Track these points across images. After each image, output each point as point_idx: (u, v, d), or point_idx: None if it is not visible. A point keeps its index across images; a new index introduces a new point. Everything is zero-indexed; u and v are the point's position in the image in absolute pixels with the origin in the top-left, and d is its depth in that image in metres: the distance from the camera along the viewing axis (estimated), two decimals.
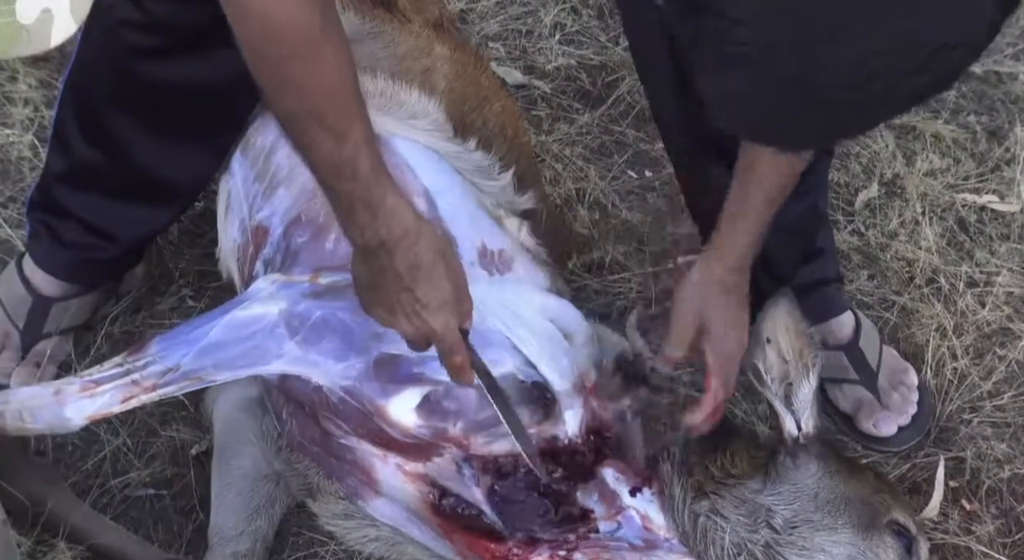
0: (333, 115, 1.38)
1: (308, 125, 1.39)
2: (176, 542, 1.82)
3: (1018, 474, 1.95)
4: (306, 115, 1.39)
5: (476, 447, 1.66)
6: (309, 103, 1.38)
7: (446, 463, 1.67)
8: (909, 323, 2.19)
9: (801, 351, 1.71)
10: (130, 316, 2.11)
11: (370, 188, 1.44)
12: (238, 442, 1.88)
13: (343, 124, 1.39)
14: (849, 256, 2.32)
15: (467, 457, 1.66)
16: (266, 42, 1.35)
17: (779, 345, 1.71)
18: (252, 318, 1.70)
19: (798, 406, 1.71)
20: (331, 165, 1.42)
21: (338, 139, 1.39)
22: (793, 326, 1.72)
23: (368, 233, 1.46)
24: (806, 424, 1.71)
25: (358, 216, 1.45)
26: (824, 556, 1.62)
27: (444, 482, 1.67)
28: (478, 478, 1.66)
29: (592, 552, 1.64)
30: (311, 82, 1.37)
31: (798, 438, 1.71)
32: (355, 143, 1.41)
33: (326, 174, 1.44)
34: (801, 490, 1.67)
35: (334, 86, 1.38)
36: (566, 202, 2.41)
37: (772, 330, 1.71)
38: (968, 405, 2.06)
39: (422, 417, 1.66)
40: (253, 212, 1.94)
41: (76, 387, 1.67)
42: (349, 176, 1.42)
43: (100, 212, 1.96)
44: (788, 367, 1.71)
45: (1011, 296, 2.25)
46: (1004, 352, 2.15)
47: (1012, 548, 1.84)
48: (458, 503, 1.67)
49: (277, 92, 1.40)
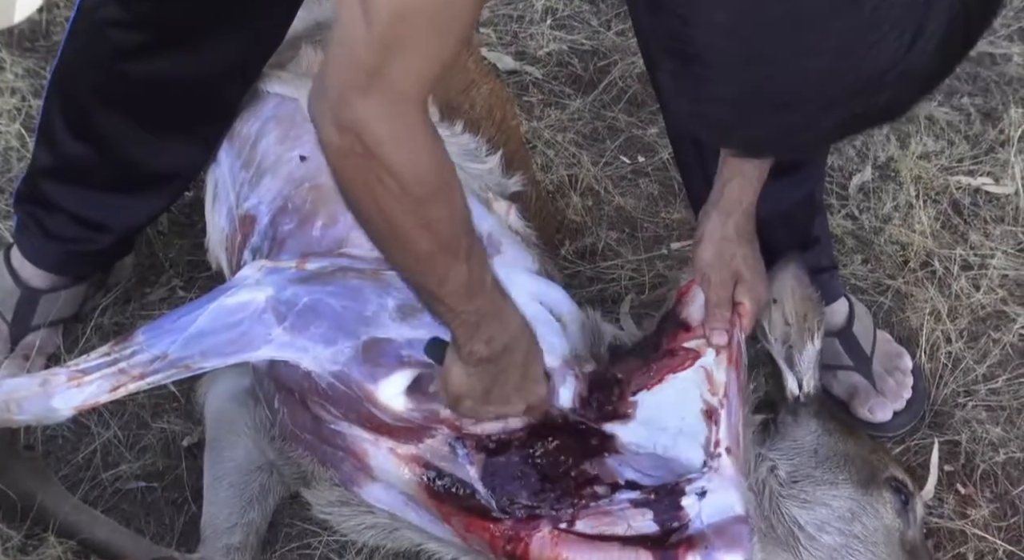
0: (466, 242, 1.34)
1: (440, 260, 1.33)
2: (168, 535, 1.80)
3: (1013, 458, 1.94)
4: (441, 252, 1.33)
5: (468, 427, 1.66)
6: (445, 239, 1.32)
7: (439, 444, 1.66)
8: (903, 307, 2.19)
9: (806, 315, 1.74)
10: (120, 307, 2.10)
11: (497, 299, 1.41)
12: (230, 433, 1.87)
13: (474, 249, 1.36)
14: (843, 240, 2.31)
15: (459, 437, 1.66)
16: (406, 192, 1.26)
17: (784, 307, 1.73)
18: (239, 305, 1.69)
19: (801, 366, 1.74)
20: (463, 289, 1.37)
21: (467, 260, 1.35)
22: (799, 290, 1.74)
23: (496, 341, 1.43)
24: (807, 384, 1.74)
25: (486, 329, 1.41)
26: (825, 509, 1.65)
27: (438, 463, 1.66)
28: (472, 457, 1.65)
29: (595, 519, 1.63)
30: (449, 218, 1.31)
31: (799, 397, 1.73)
32: (477, 259, 1.37)
33: (457, 300, 1.38)
34: (801, 446, 1.70)
35: (466, 215, 1.34)
36: (558, 188, 2.40)
37: (779, 292, 1.74)
38: (963, 389, 2.05)
39: (412, 400, 1.65)
40: (240, 201, 1.94)
41: (63, 377, 1.65)
42: (479, 292, 1.38)
43: (88, 205, 1.95)
44: (791, 329, 1.73)
45: (1006, 279, 2.24)
46: (999, 335, 2.13)
47: (1007, 532, 1.84)
48: (453, 483, 1.66)
49: (413, 238, 1.30)
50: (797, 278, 1.75)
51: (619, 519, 1.64)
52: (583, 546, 1.62)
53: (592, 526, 1.63)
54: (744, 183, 1.69)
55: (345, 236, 1.83)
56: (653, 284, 2.21)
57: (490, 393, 1.51)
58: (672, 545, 1.62)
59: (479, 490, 1.64)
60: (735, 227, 1.70)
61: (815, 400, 1.75)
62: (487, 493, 1.64)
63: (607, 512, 1.64)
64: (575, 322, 1.77)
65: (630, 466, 1.67)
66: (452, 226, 1.32)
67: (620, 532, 1.63)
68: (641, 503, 1.64)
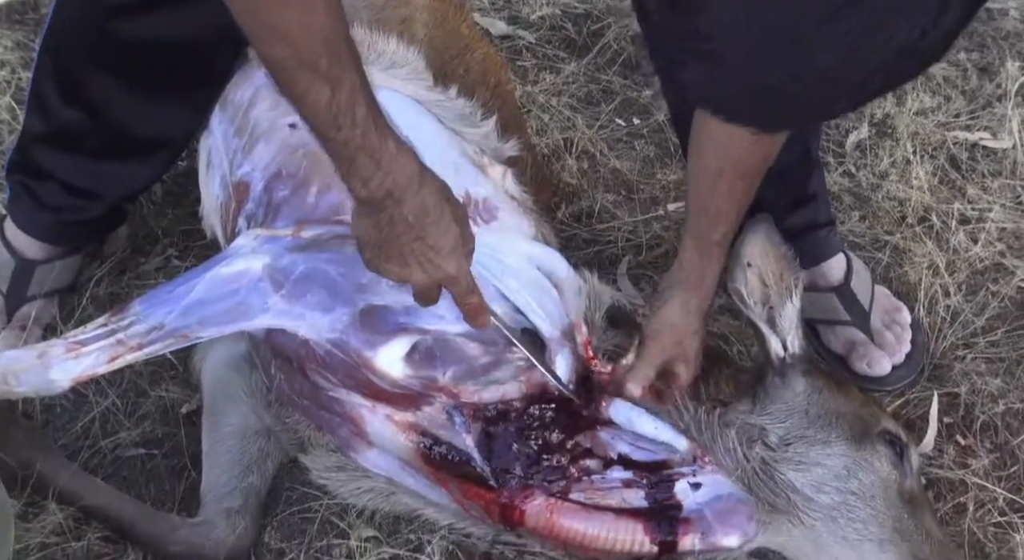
0: (326, 62, 1.34)
1: (300, 74, 1.34)
2: (168, 500, 1.81)
3: (1012, 408, 1.94)
4: (298, 64, 1.34)
5: (466, 395, 1.66)
6: (302, 51, 1.33)
7: (436, 412, 1.66)
8: (901, 262, 2.18)
9: (781, 274, 1.73)
10: (115, 278, 2.10)
11: (370, 135, 1.40)
12: (227, 399, 1.87)
13: (336, 71, 1.35)
14: (840, 197, 2.30)
15: (457, 405, 1.65)
16: None
17: (759, 269, 1.72)
18: (236, 274, 1.69)
19: (783, 327, 1.74)
20: (328, 115, 1.37)
21: (333, 87, 1.35)
22: (772, 250, 1.74)
23: (373, 184, 1.42)
24: (792, 344, 1.73)
25: (360, 167, 1.41)
26: (820, 469, 1.64)
27: (435, 430, 1.67)
28: (469, 425, 1.65)
29: (587, 492, 1.64)
30: (303, 29, 1.31)
31: (785, 358, 1.73)
32: (350, 90, 1.36)
33: (323, 125, 1.39)
34: (792, 408, 1.69)
35: (326, 32, 1.33)
36: (554, 152, 2.39)
37: (752, 255, 1.74)
38: (961, 342, 2.05)
39: (410, 367, 1.65)
40: (234, 168, 1.93)
41: (60, 349, 1.65)
42: (348, 125, 1.38)
43: (81, 172, 1.94)
44: (769, 291, 1.73)
45: (1004, 232, 2.23)
46: (997, 288, 2.13)
47: (1007, 481, 1.84)
48: (449, 451, 1.66)
49: (267, 41, 1.34)
50: (769, 238, 1.74)
51: (612, 494, 1.64)
52: (578, 514, 1.63)
53: (586, 497, 1.64)
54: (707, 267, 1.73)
55: (340, 203, 1.82)
56: (650, 245, 2.21)
57: (385, 247, 1.50)
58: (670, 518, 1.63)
59: (475, 458, 1.65)
60: (698, 305, 1.74)
61: (802, 359, 1.74)
62: (483, 462, 1.64)
63: (600, 488, 1.64)
64: (572, 287, 1.77)
65: (622, 439, 1.68)
66: (308, 38, 1.32)
67: (614, 504, 1.64)
68: (633, 484, 1.65)
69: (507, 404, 1.66)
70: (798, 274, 1.74)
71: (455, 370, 1.66)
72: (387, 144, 1.42)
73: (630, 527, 1.63)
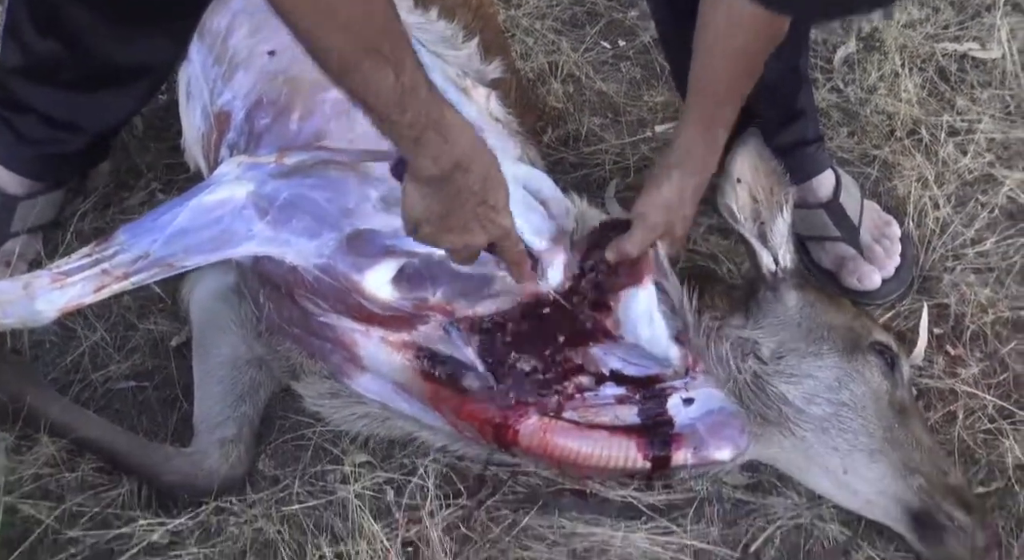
0: (389, 45, 1.32)
1: (364, 61, 1.32)
2: (161, 432, 1.81)
3: (1001, 317, 1.94)
4: (362, 51, 1.31)
5: (461, 311, 1.65)
6: (365, 37, 1.30)
7: (432, 329, 1.66)
8: (890, 176, 2.17)
9: (771, 189, 1.73)
10: (99, 212, 2.09)
11: (433, 111, 1.38)
12: (217, 330, 1.87)
13: (398, 52, 1.33)
14: (829, 113, 2.28)
15: (453, 320, 1.65)
16: None
17: (749, 185, 1.72)
18: (219, 201, 1.68)
19: (774, 242, 1.73)
20: (394, 98, 1.35)
21: (397, 69, 1.33)
22: (762, 165, 1.73)
23: (443, 159, 1.41)
24: (783, 258, 1.73)
25: (429, 145, 1.40)
26: (812, 381, 1.65)
27: (433, 346, 1.66)
28: (467, 338, 1.65)
29: (579, 410, 1.64)
30: (366, 14, 1.29)
31: (777, 272, 1.73)
32: (412, 69, 1.35)
33: (389, 109, 1.36)
34: (784, 321, 1.70)
35: (385, 14, 1.31)
36: (539, 76, 2.37)
37: (741, 170, 1.73)
38: (951, 253, 2.04)
39: (399, 289, 1.64)
40: (214, 97, 1.91)
41: (46, 279, 1.64)
42: (414, 105, 1.36)
43: (60, 104, 1.92)
44: (760, 206, 1.73)
45: (993, 142, 2.22)
46: (986, 198, 2.12)
47: (997, 388, 1.84)
48: (449, 365, 1.66)
49: (328, 31, 1.29)
50: (759, 154, 1.74)
51: (605, 411, 1.65)
52: (572, 432, 1.63)
53: (579, 416, 1.64)
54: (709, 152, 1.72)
55: (323, 128, 1.81)
56: (638, 167, 2.20)
57: (448, 218, 1.48)
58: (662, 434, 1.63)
59: (478, 368, 1.64)
60: (694, 190, 1.73)
61: (793, 274, 1.74)
62: (484, 369, 1.64)
63: (593, 405, 1.64)
64: (560, 206, 1.76)
65: (614, 355, 1.68)
66: (370, 23, 1.30)
67: (607, 421, 1.64)
68: (626, 400, 1.65)
69: (502, 315, 1.66)
70: (788, 189, 1.73)
71: (445, 289, 1.65)
72: (447, 115, 1.41)
73: (623, 444, 1.63)
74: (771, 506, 1.71)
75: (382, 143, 1.78)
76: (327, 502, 1.69)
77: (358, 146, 1.79)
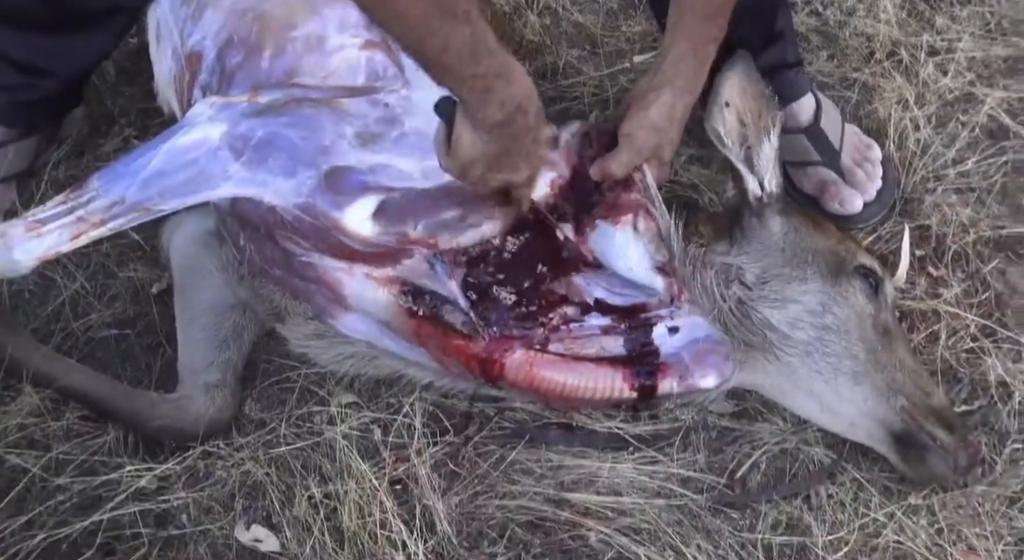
0: (464, 2, 1.33)
1: (443, 23, 1.32)
2: (145, 378, 1.80)
3: (983, 236, 1.94)
4: (440, 13, 1.31)
5: (444, 243, 1.65)
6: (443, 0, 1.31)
7: (416, 262, 1.65)
8: (871, 99, 2.15)
9: (760, 112, 1.71)
10: (74, 160, 2.06)
11: (499, 58, 1.39)
12: (198, 275, 1.86)
13: (465, 5, 1.33)
14: (808, 38, 2.26)
15: (437, 253, 1.64)
16: None
17: (737, 108, 1.70)
18: (193, 143, 1.66)
19: (760, 166, 1.72)
20: (468, 52, 1.35)
21: (466, 22, 1.33)
22: (751, 87, 1.71)
23: (508, 103, 1.42)
24: (769, 183, 1.72)
25: (497, 91, 1.40)
26: (796, 306, 1.65)
27: (417, 280, 1.65)
28: (451, 271, 1.64)
29: (565, 342, 1.64)
30: None
31: (762, 197, 1.72)
32: (478, 19, 1.35)
33: (463, 64, 1.37)
34: (768, 247, 1.69)
35: None
36: (515, 9, 2.34)
37: (730, 93, 1.71)
38: (932, 174, 2.04)
39: (380, 224, 1.63)
40: (184, 38, 1.88)
41: (21, 229, 1.63)
42: (486, 55, 1.37)
43: (30, 48, 1.89)
44: (747, 130, 1.71)
45: (973, 61, 2.20)
46: (967, 118, 2.11)
47: (979, 307, 1.85)
48: (432, 301, 1.65)
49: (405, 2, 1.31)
50: (747, 76, 1.71)
51: (591, 342, 1.64)
52: (558, 365, 1.64)
53: (565, 348, 1.64)
54: (699, 68, 1.70)
55: (295, 65, 1.79)
56: (617, 99, 2.17)
57: (500, 159, 1.50)
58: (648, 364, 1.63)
59: (460, 303, 1.64)
60: (683, 110, 1.71)
61: (779, 199, 1.73)
62: (467, 304, 1.63)
63: (578, 336, 1.64)
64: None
65: (598, 284, 1.67)
66: None
67: (593, 353, 1.64)
68: (611, 330, 1.65)
69: (486, 244, 1.65)
70: (776, 113, 1.72)
71: (426, 223, 1.64)
72: (508, 59, 1.41)
73: (609, 375, 1.64)
74: (756, 432, 1.72)
75: (355, 78, 1.79)
76: (314, 443, 1.69)
77: (331, 82, 1.77)
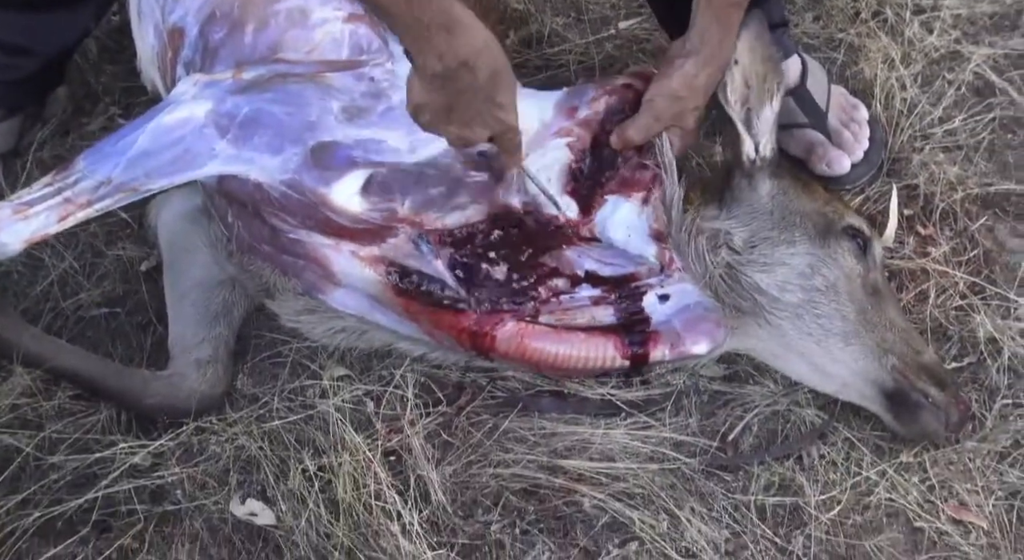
0: None
1: None
2: (137, 356, 1.81)
3: (971, 194, 1.95)
4: None
5: (429, 222, 1.64)
6: None
7: (402, 242, 1.65)
8: (857, 59, 2.15)
9: (765, 76, 1.71)
10: (59, 140, 2.06)
11: (442, 8, 1.39)
12: (187, 252, 1.86)
13: None
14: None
15: (422, 233, 1.64)
16: None
17: (744, 67, 1.70)
18: (179, 122, 1.65)
19: (759, 129, 1.72)
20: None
21: None
22: (761, 49, 1.71)
23: (448, 56, 1.41)
24: (764, 147, 1.72)
25: (436, 41, 1.40)
26: (785, 269, 1.66)
27: (403, 260, 1.65)
28: (437, 251, 1.64)
29: (557, 313, 1.64)
30: None
31: (756, 160, 1.72)
32: None
33: (399, 4, 1.37)
34: (757, 210, 1.70)
35: None
36: None
37: (740, 51, 1.70)
38: (919, 133, 2.03)
39: (368, 200, 1.63)
40: (166, 15, 1.87)
41: (7, 211, 1.62)
42: (426, 1, 1.37)
43: (10, 27, 1.88)
44: (750, 91, 1.71)
45: (959, 18, 2.20)
46: (953, 76, 2.11)
47: (967, 265, 1.85)
48: (420, 280, 1.65)
49: None
50: (759, 37, 1.71)
51: (581, 313, 1.65)
52: (549, 336, 1.64)
53: (556, 319, 1.64)
54: (725, 35, 1.68)
55: (278, 40, 1.78)
56: (603, 66, 2.17)
57: (451, 112, 1.49)
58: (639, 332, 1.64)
59: (448, 282, 1.64)
60: (707, 80, 1.69)
61: (771, 163, 1.73)
62: (455, 284, 1.63)
63: (569, 308, 1.64)
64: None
65: (589, 256, 1.67)
66: None
67: (583, 323, 1.65)
68: (601, 301, 1.65)
69: (472, 227, 1.65)
70: (780, 78, 1.72)
71: (413, 199, 1.64)
72: (456, 12, 1.40)
73: (601, 345, 1.64)
74: (748, 395, 1.73)
75: (340, 52, 1.78)
76: (307, 417, 1.70)
77: (315, 57, 1.76)
